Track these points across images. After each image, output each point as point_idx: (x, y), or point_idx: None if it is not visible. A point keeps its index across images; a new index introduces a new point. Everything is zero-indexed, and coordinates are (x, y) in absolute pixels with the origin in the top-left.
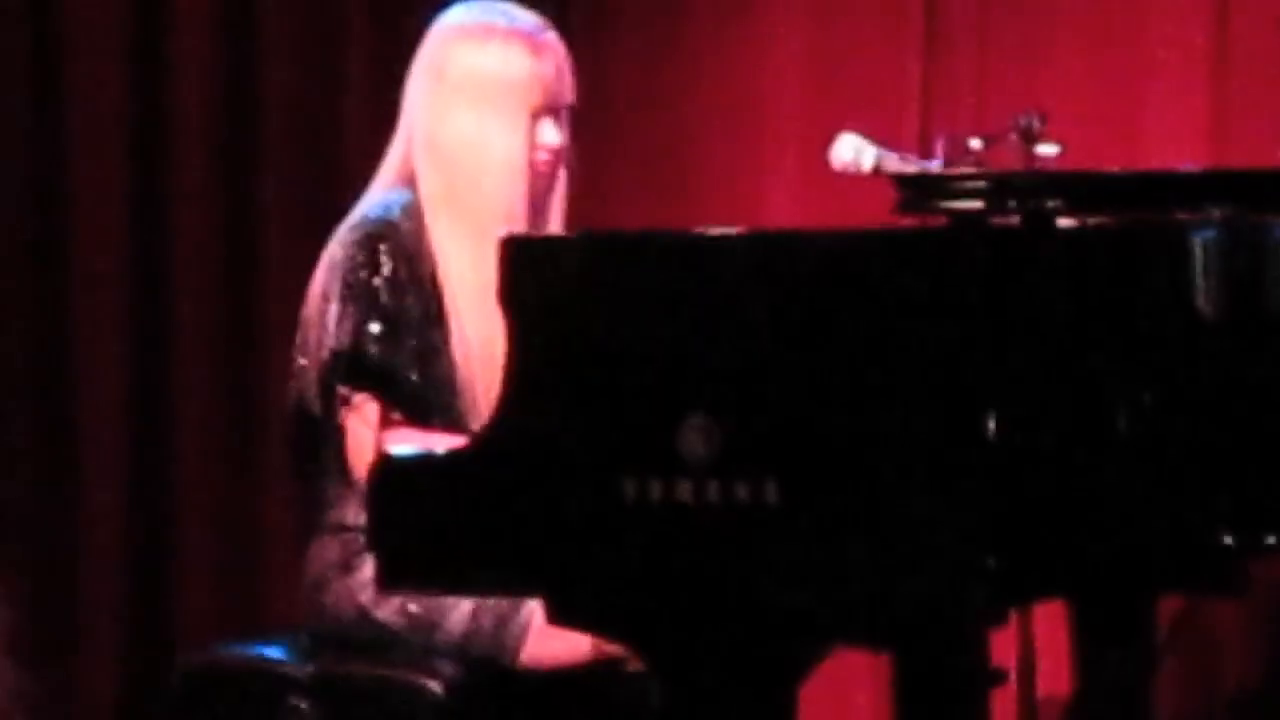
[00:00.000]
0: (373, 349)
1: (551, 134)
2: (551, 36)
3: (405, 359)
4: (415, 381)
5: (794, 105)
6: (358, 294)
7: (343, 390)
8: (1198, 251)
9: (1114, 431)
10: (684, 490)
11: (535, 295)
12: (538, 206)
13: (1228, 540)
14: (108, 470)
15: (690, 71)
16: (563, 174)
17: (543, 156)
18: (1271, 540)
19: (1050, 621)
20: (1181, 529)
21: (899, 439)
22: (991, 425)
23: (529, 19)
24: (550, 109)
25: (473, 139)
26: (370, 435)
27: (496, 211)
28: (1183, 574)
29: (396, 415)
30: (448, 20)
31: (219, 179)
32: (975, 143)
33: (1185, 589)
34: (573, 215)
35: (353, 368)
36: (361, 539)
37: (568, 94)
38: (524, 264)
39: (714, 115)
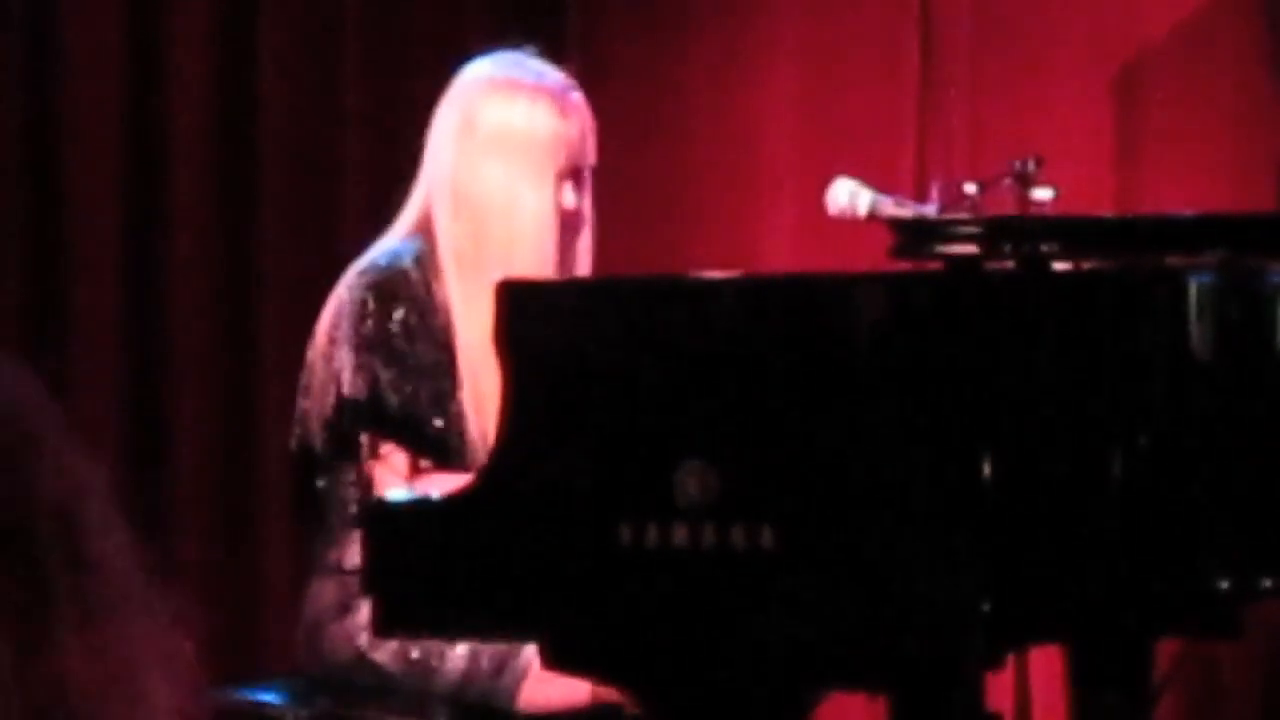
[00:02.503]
0: (393, 397)
1: (570, 196)
2: (577, 97)
3: (425, 404)
4: (437, 426)
5: (789, 149)
6: (372, 341)
7: (367, 440)
8: (1193, 296)
9: (1109, 476)
10: (680, 535)
11: (531, 340)
12: (562, 266)
13: (1224, 584)
14: None
15: (686, 116)
16: (587, 234)
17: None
18: (1268, 584)
19: (1046, 665)
20: (1177, 573)
21: (895, 484)
22: (987, 470)
23: (557, 77)
24: (572, 171)
25: (503, 194)
26: (400, 483)
27: (525, 269)
28: (1179, 618)
29: (425, 462)
30: (476, 72)
31: (214, 232)
32: (970, 187)
33: (1181, 633)
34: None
35: (375, 417)
36: (359, 582)
37: (590, 155)
38: (520, 308)
39: (710, 159)
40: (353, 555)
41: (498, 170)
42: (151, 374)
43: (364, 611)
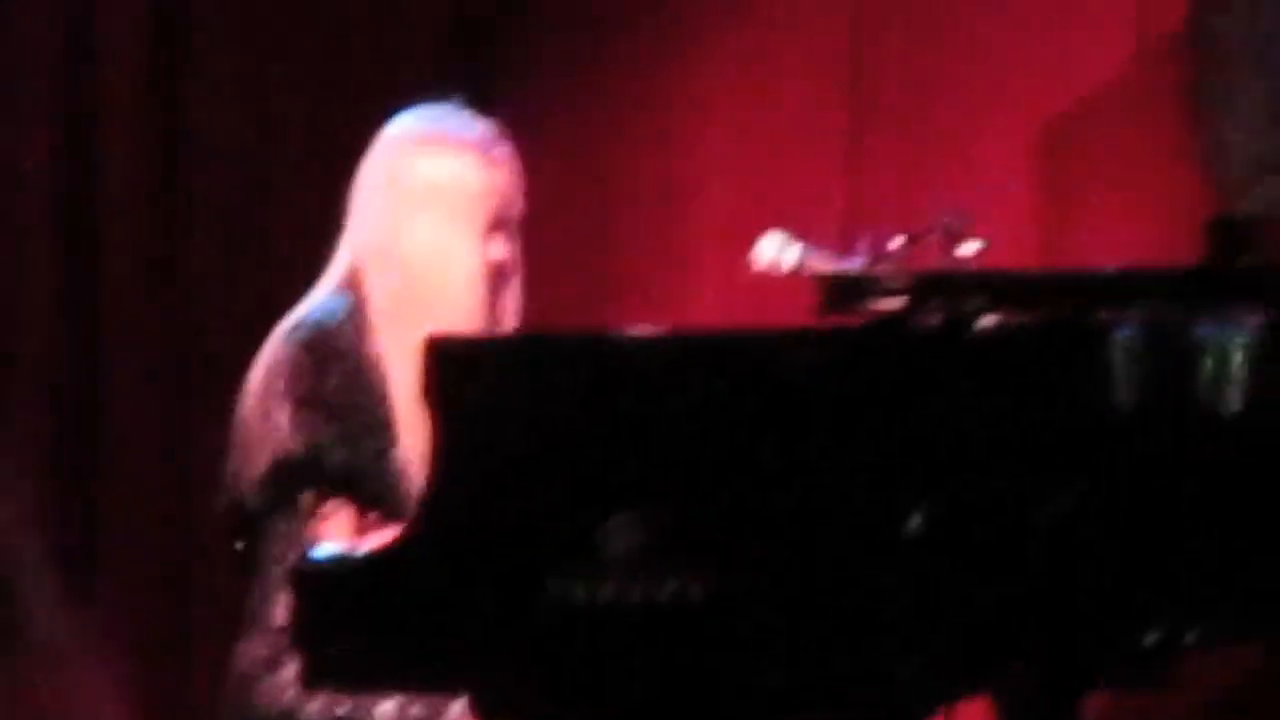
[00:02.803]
0: (335, 455)
1: (497, 249)
2: (504, 150)
3: (365, 460)
4: (377, 482)
5: (718, 203)
6: (311, 399)
7: (310, 499)
8: (1119, 350)
9: (1037, 529)
10: (608, 588)
11: (458, 395)
12: (491, 319)
13: (1151, 638)
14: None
15: (615, 169)
16: (515, 286)
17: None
18: (1194, 637)
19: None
20: (1106, 626)
21: (821, 538)
22: (915, 524)
23: (483, 129)
24: (499, 224)
25: (431, 249)
26: (347, 540)
27: (454, 323)
28: (1107, 671)
29: (373, 515)
30: (401, 126)
31: (149, 280)
32: (898, 242)
33: (1110, 686)
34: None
35: (315, 474)
36: (287, 638)
37: (517, 208)
38: (447, 364)
39: (638, 212)
40: (281, 612)
41: (425, 225)
42: (84, 431)
43: (292, 667)
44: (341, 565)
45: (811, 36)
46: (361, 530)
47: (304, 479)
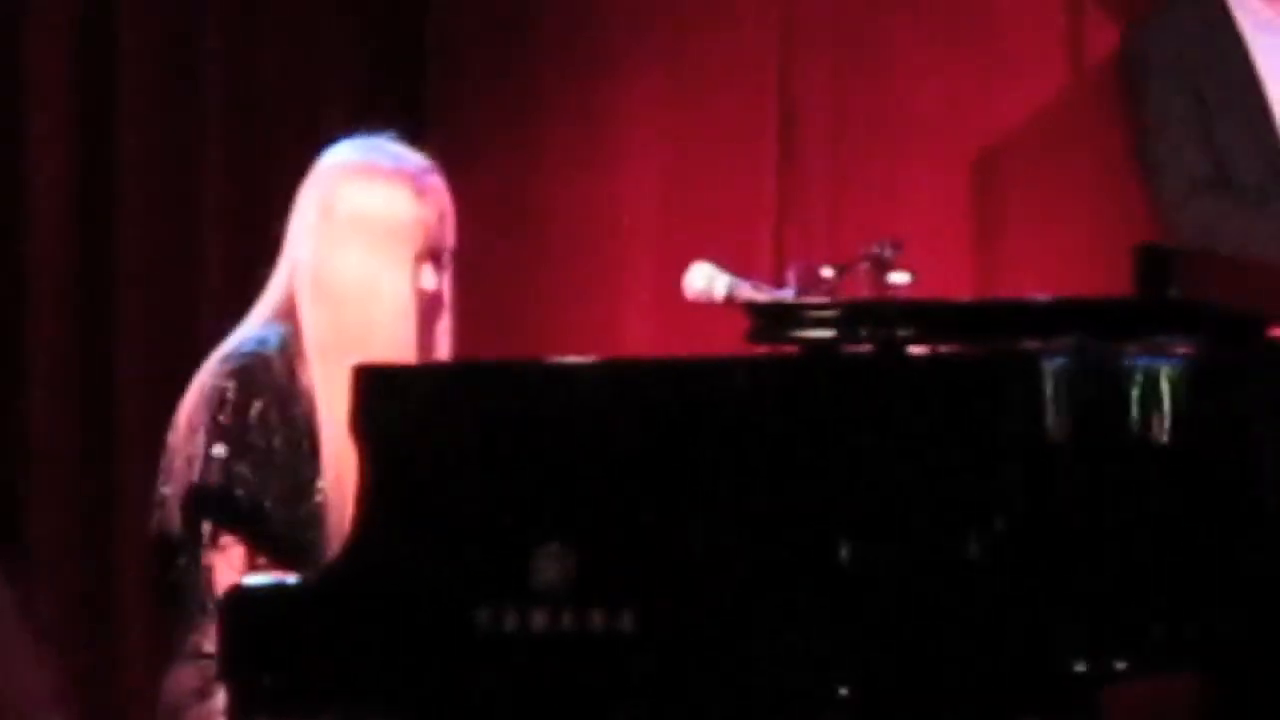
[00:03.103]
0: (242, 490)
1: (429, 279)
2: (435, 180)
3: (274, 500)
4: (284, 521)
5: (648, 232)
6: (227, 431)
7: (209, 529)
8: (1048, 379)
9: (965, 559)
10: (539, 618)
11: (387, 424)
12: (422, 349)
13: (1080, 667)
14: None
15: (545, 198)
16: (446, 317)
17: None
18: (1122, 665)
19: None
20: (1034, 655)
21: (751, 567)
22: (843, 554)
23: (415, 160)
24: (431, 254)
25: (361, 279)
26: (235, 578)
27: (385, 353)
28: (1036, 699)
29: (261, 560)
30: (335, 157)
31: (75, 294)
32: (828, 271)
33: (1038, 714)
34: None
35: (220, 507)
36: (217, 667)
37: (449, 238)
38: (375, 393)
39: (569, 242)
40: (210, 641)
41: (356, 255)
42: (6, 459)
43: (221, 696)
44: (272, 595)
45: (742, 69)
46: (250, 570)
47: (210, 509)
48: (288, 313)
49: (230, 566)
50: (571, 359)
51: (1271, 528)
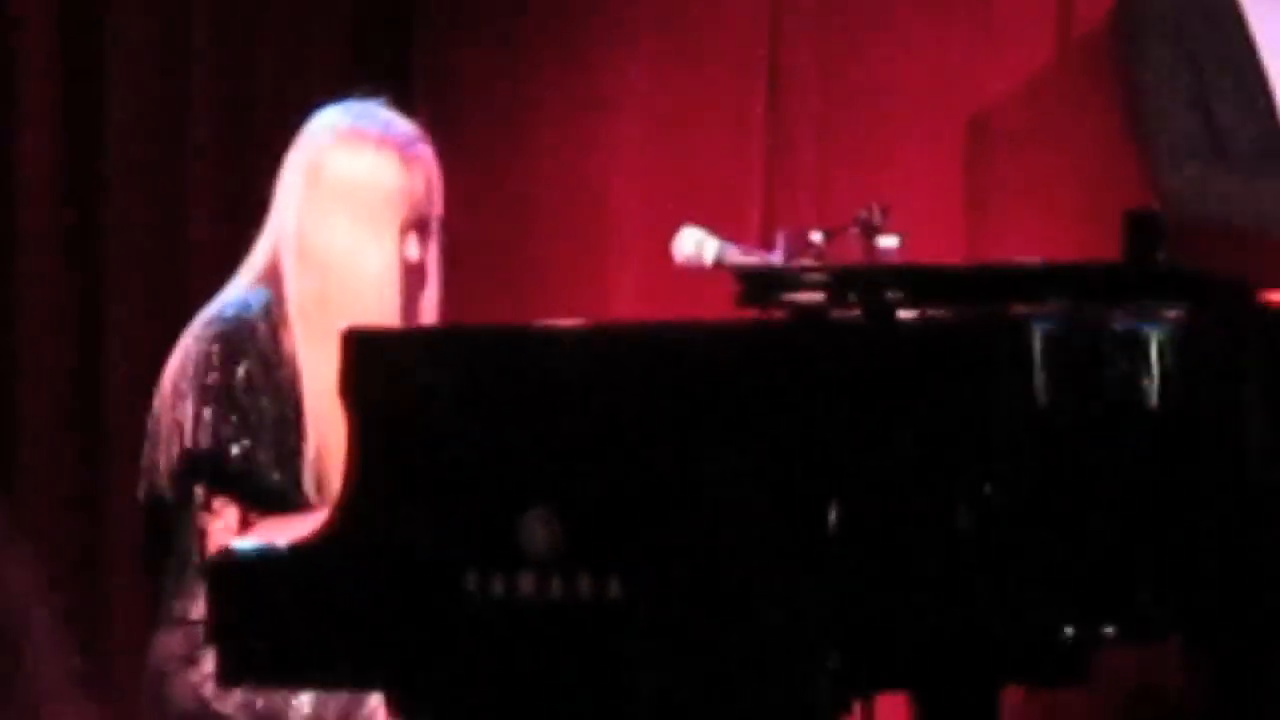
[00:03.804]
0: (233, 450)
1: (413, 249)
2: (423, 149)
3: (265, 458)
4: (276, 480)
5: (637, 198)
6: (215, 394)
7: (201, 492)
8: (1038, 343)
9: (955, 523)
10: (526, 584)
11: (376, 389)
12: (407, 318)
13: (1068, 631)
14: None
15: (533, 166)
16: (433, 286)
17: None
18: (1110, 630)
19: (893, 711)
20: (1023, 621)
21: (740, 533)
22: (833, 519)
23: (403, 128)
24: (417, 223)
25: (346, 247)
26: (232, 539)
27: (369, 321)
28: (1024, 665)
29: (255, 516)
30: (323, 121)
31: (64, 266)
32: (816, 236)
33: (1027, 679)
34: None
35: (213, 470)
36: (204, 632)
37: (436, 208)
38: (364, 358)
39: (557, 208)
40: (198, 606)
41: (342, 221)
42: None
43: (209, 662)
44: (260, 560)
45: (730, 35)
46: (244, 528)
47: (202, 473)
48: (271, 278)
49: (226, 527)
50: (561, 323)
51: (1259, 492)
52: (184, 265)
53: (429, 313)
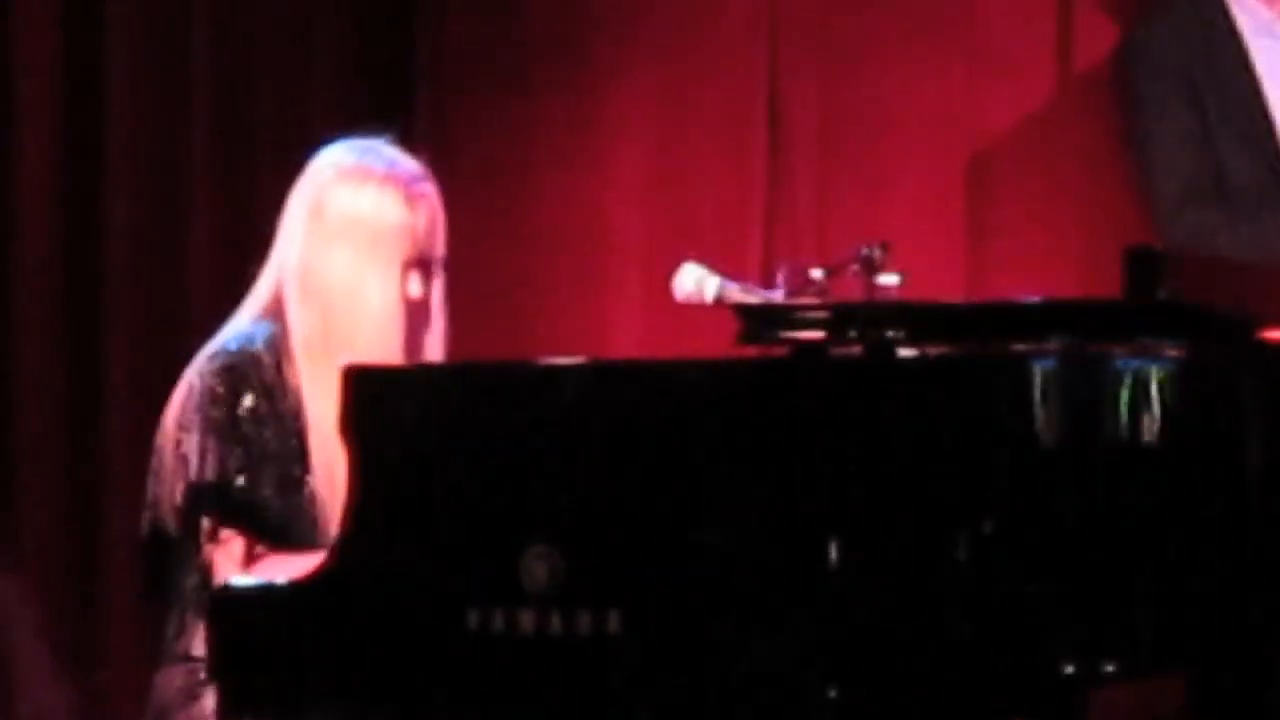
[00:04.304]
0: (239, 481)
1: (415, 286)
2: (428, 187)
3: (269, 490)
4: (280, 511)
5: (637, 235)
6: (220, 426)
7: (208, 524)
8: (1038, 381)
9: (954, 560)
10: (527, 620)
11: (376, 425)
12: (410, 355)
13: (1068, 668)
14: None
15: (534, 203)
16: (438, 325)
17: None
18: (1111, 668)
19: None
20: (1022, 657)
21: (740, 569)
22: (832, 555)
23: (408, 165)
24: (419, 261)
25: (349, 283)
26: (237, 571)
27: (370, 357)
28: (1024, 701)
29: (261, 549)
30: (328, 157)
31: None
32: (817, 273)
33: (1026, 716)
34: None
35: (219, 501)
36: (206, 668)
37: (439, 247)
38: (365, 394)
39: (558, 246)
40: (200, 642)
41: (345, 257)
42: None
43: (210, 698)
44: (261, 596)
45: (729, 71)
46: (250, 561)
47: (208, 505)
48: (275, 311)
49: (231, 559)
50: (559, 360)
51: (1259, 528)
52: (184, 296)
53: (433, 351)
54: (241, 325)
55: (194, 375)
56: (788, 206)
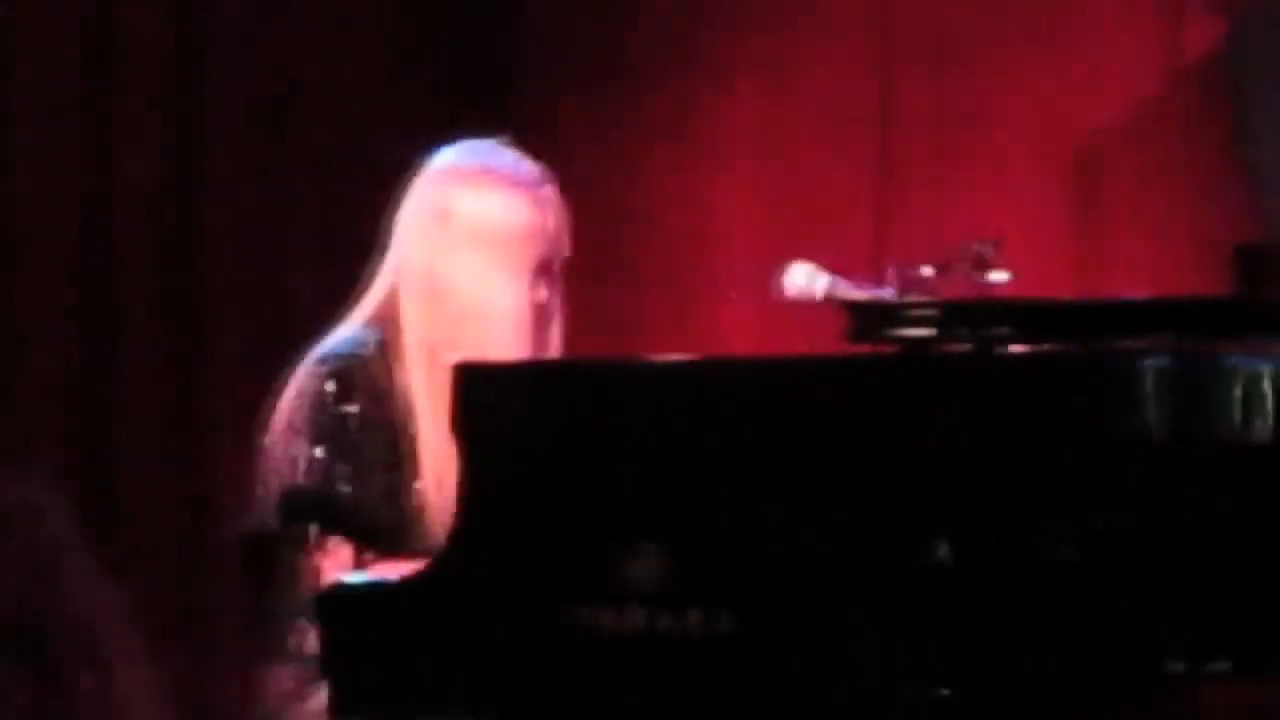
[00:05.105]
0: (344, 488)
1: (541, 291)
2: (551, 190)
3: (376, 497)
4: (387, 519)
5: (746, 233)
6: (328, 430)
7: (314, 532)
8: (1148, 379)
9: (1064, 558)
10: (636, 618)
11: (488, 423)
12: (532, 353)
13: (1178, 667)
14: None
15: (642, 202)
16: (556, 328)
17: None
18: (1223, 667)
19: None
20: (1133, 656)
21: (851, 566)
22: (943, 554)
23: (531, 169)
24: (546, 264)
25: (479, 288)
26: (346, 575)
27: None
28: (1134, 701)
29: (370, 555)
30: (448, 159)
31: (160, 296)
32: (927, 270)
33: (1134, 714)
34: None
35: (325, 509)
36: (316, 667)
37: (563, 249)
38: (477, 392)
39: (667, 244)
40: (309, 641)
41: (473, 262)
42: (102, 458)
43: (320, 697)
44: (372, 594)
45: (842, 63)
46: (360, 568)
47: (314, 511)
48: (386, 315)
49: (339, 566)
50: (668, 357)
51: None
52: (285, 300)
53: (553, 352)
54: (351, 329)
55: (303, 377)
56: (899, 203)
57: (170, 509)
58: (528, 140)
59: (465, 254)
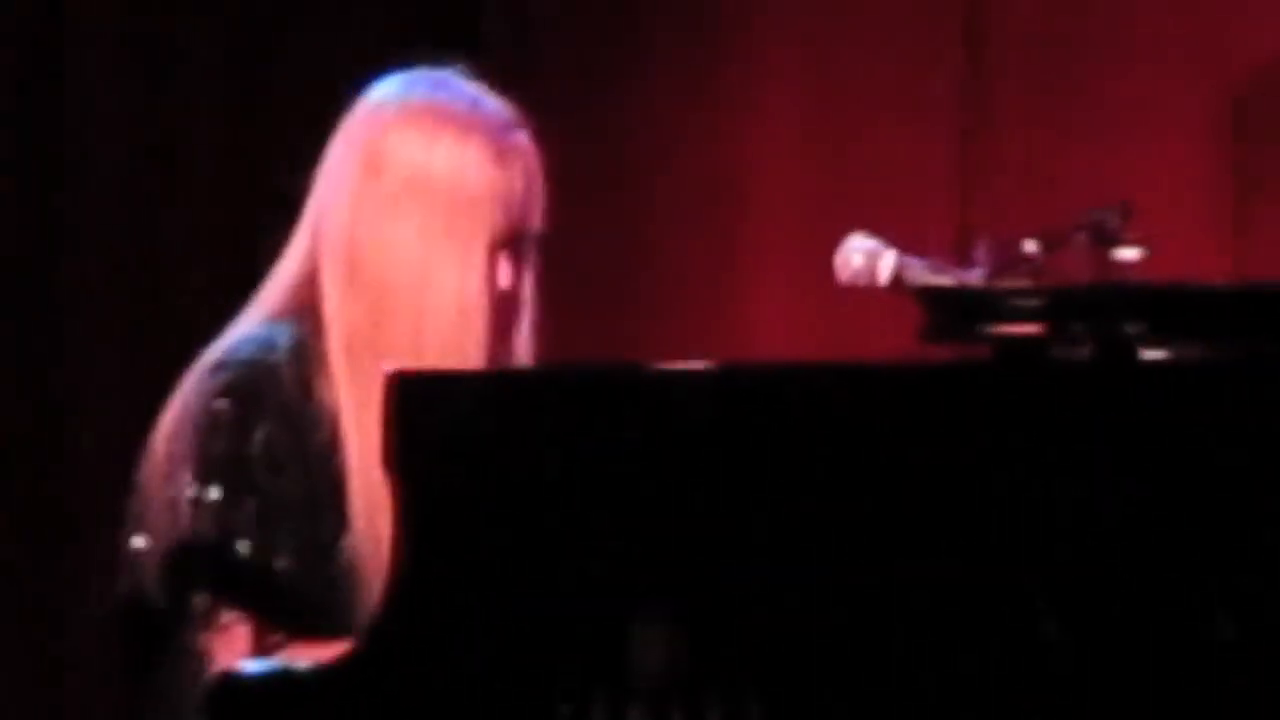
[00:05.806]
0: (243, 543)
1: (506, 272)
2: (521, 138)
3: (286, 558)
4: (301, 585)
5: (787, 199)
6: (224, 466)
7: (203, 602)
8: None
9: (1214, 631)
10: (636, 717)
11: (431, 451)
12: (492, 362)
13: None
14: None
15: (651, 160)
16: (525, 325)
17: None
18: None
19: None
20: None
21: (929, 646)
22: (1050, 629)
23: (496, 108)
24: (511, 237)
25: (416, 264)
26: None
27: (440, 364)
28: None
29: (277, 635)
30: (385, 93)
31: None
32: (1030, 246)
33: None
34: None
35: (219, 571)
36: None
37: (535, 219)
38: (416, 410)
39: (682, 215)
40: None
41: (409, 229)
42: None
43: None
44: (275, 685)
45: None
46: (263, 652)
47: (204, 572)
48: (304, 304)
49: (232, 650)
50: (682, 364)
51: None
52: (165, 277)
53: (521, 358)
54: (256, 324)
55: (191, 392)
56: (988, 159)
57: (21, 565)
58: (492, 72)
59: (401, 220)
